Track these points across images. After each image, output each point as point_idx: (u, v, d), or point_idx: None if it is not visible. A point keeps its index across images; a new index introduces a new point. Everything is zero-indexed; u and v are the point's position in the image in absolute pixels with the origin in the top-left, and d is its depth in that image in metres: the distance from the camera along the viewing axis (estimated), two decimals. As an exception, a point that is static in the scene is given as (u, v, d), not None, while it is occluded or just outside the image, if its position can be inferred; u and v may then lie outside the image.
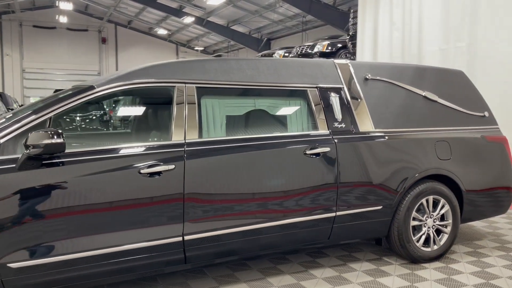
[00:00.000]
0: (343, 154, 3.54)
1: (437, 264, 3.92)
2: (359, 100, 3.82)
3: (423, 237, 3.92)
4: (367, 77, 3.94)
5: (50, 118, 2.79)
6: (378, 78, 3.97)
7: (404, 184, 3.76)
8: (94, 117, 3.52)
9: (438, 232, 4.01)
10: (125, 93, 3.10)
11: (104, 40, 33.39)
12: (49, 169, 2.65)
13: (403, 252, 3.88)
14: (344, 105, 3.73)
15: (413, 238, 3.87)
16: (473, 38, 6.64)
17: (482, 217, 4.38)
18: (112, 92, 3.01)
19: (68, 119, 3.24)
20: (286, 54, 13.52)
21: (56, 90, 13.11)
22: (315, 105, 3.62)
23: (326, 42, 11.45)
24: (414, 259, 3.89)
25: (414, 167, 3.82)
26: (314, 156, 3.43)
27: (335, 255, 4.09)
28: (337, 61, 3.96)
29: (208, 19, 25.91)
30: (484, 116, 4.38)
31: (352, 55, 10.23)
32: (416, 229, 3.92)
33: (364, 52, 8.80)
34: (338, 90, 3.76)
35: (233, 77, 3.41)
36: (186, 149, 3.03)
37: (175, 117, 3.09)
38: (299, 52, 11.88)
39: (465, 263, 3.94)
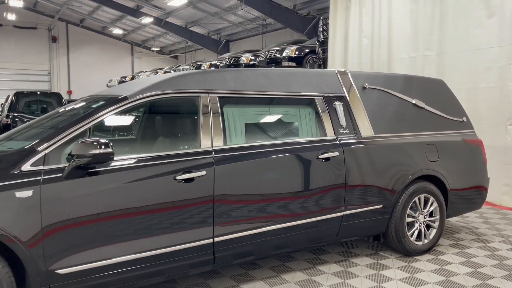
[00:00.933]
0: (349, 158, 3.85)
1: (428, 256, 4.31)
2: (359, 107, 4.14)
3: (416, 232, 4.31)
4: (365, 86, 4.27)
5: (90, 128, 2.88)
6: (374, 87, 4.32)
7: (400, 184, 4.12)
8: (126, 125, 3.61)
9: (428, 227, 4.42)
10: (154, 102, 3.23)
11: (54, 39, 32.18)
12: (94, 177, 2.75)
13: (399, 246, 4.24)
14: (347, 112, 4.04)
15: (408, 233, 4.24)
16: (442, 47, 7.20)
17: (461, 212, 4.85)
18: (143, 102, 3.13)
19: (103, 128, 3.31)
20: (253, 58, 13.78)
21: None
22: (322, 113, 3.90)
23: (294, 47, 11.83)
24: (408, 252, 4.27)
25: (409, 169, 4.19)
26: (325, 160, 3.71)
27: (335, 252, 4.39)
28: (338, 70, 4.26)
29: (167, 19, 25.71)
30: (463, 121, 4.84)
31: (321, 60, 10.65)
32: (409, 225, 4.30)
33: (335, 58, 9.23)
34: (341, 98, 4.06)
35: (249, 87, 3.62)
36: (214, 155, 3.21)
37: (202, 125, 3.26)
38: (268, 56, 12.18)
39: (452, 254, 4.37)
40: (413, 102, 4.53)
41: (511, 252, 4.45)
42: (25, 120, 11.81)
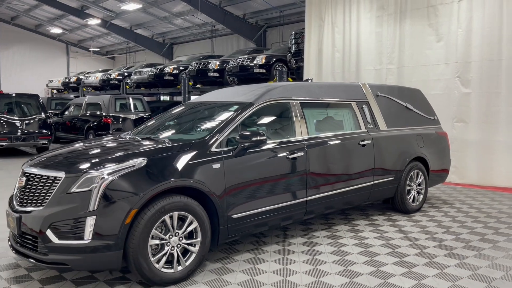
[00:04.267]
0: (375, 144, 5.59)
1: (419, 213, 6.20)
2: (376, 109, 5.90)
3: (412, 197, 6.18)
4: (378, 94, 6.05)
5: (238, 124, 4.30)
6: (383, 95, 6.11)
7: (404, 162, 5.96)
8: (253, 121, 4.93)
9: (418, 193, 6.31)
10: (267, 106, 4.70)
11: (-19, 36, 30.65)
12: (250, 155, 4.19)
13: (402, 207, 6.08)
14: (370, 113, 5.79)
15: (407, 197, 6.10)
16: (401, 62, 9.29)
17: (434, 184, 6.82)
18: (262, 106, 4.61)
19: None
20: (218, 63, 15.12)
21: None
22: (356, 113, 5.60)
23: (264, 56, 13.44)
24: (407, 211, 6.11)
25: (409, 152, 6.05)
26: (363, 146, 5.42)
27: (357, 214, 6.12)
28: (361, 83, 6.00)
29: (112, 21, 26.01)
30: (434, 119, 6.83)
31: (293, 69, 12.39)
32: (408, 192, 6.15)
33: (310, 68, 11.04)
34: (366, 103, 5.80)
35: (313, 95, 5.22)
36: (305, 142, 4.77)
37: (296, 122, 4.80)
38: (239, 63, 13.64)
39: (436, 212, 6.30)
40: (405, 105, 6.40)
41: (460, 212, 6.50)
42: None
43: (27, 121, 12.74)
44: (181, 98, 16.52)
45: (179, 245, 3.71)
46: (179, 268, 3.71)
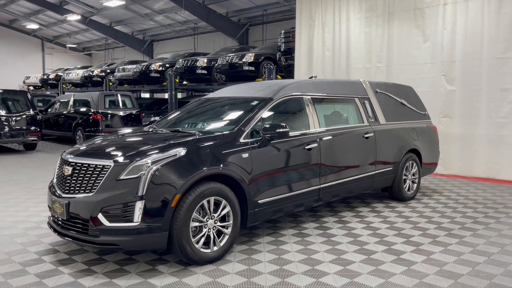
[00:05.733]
0: (377, 137, 6.06)
1: (414, 200, 6.71)
2: (376, 104, 6.37)
3: (407, 186, 6.69)
4: (377, 90, 6.52)
5: (261, 117, 4.66)
6: (382, 91, 6.59)
7: (401, 153, 6.45)
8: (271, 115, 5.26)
9: (413, 183, 6.82)
10: (284, 101, 5.07)
11: (-48, 31, 29.83)
12: (273, 146, 4.56)
13: (399, 195, 6.57)
14: (371, 108, 6.25)
15: (404, 186, 6.60)
16: (389, 61, 9.83)
17: (426, 174, 7.36)
18: (280, 101, 4.99)
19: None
20: (206, 60, 15.38)
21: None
22: (359, 108, 6.05)
23: (253, 54, 13.80)
24: (404, 198, 6.62)
25: (406, 144, 6.55)
26: (366, 138, 5.88)
27: (358, 202, 6.58)
28: (362, 80, 6.46)
29: (91, 18, 25.81)
30: (425, 114, 7.37)
31: (283, 67, 12.79)
32: (403, 181, 6.66)
33: (301, 66, 11.48)
34: (367, 99, 6.26)
35: (322, 91, 5.63)
36: (318, 134, 5.18)
37: (309, 115, 5.20)
38: (228, 61, 13.95)
39: (428, 199, 6.83)
40: (401, 101, 6.90)
41: (450, 199, 7.07)
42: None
43: (15, 118, 12.69)
44: (168, 95, 16.71)
45: (214, 227, 4.05)
46: (215, 248, 4.05)
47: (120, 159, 3.82)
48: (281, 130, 4.48)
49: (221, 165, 4.10)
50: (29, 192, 7.16)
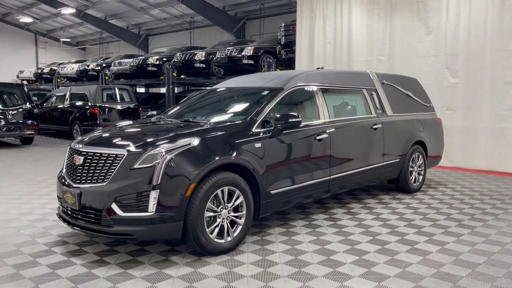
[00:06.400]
0: (385, 128, 6.02)
1: (420, 192, 6.70)
2: (383, 96, 6.33)
3: (413, 178, 6.67)
4: (384, 82, 6.48)
5: (273, 107, 4.60)
6: (388, 83, 6.55)
7: (408, 145, 6.43)
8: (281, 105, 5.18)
9: (418, 174, 6.81)
10: (294, 91, 5.01)
11: None
12: (285, 136, 4.51)
13: (405, 187, 6.55)
14: (379, 99, 6.21)
15: (410, 178, 6.58)
16: (391, 54, 9.81)
17: (431, 166, 7.34)
18: (291, 91, 4.93)
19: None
20: (204, 54, 15.26)
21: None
22: (367, 99, 6.01)
23: (252, 47, 13.71)
24: (410, 190, 6.60)
25: (412, 135, 6.52)
26: (374, 129, 5.84)
27: (364, 194, 6.56)
28: (369, 71, 6.41)
29: (86, 11, 25.54)
30: (430, 106, 7.35)
31: (283, 60, 12.73)
32: (410, 173, 6.64)
33: (302, 59, 11.41)
34: (374, 90, 6.22)
35: (330, 82, 5.58)
36: (328, 125, 5.13)
37: (319, 106, 5.15)
38: (228, 54, 13.85)
39: (434, 191, 6.82)
40: (406, 92, 6.87)
41: (455, 191, 7.07)
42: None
43: (12, 111, 12.52)
44: (165, 89, 16.57)
45: (228, 218, 4.00)
46: (229, 238, 4.00)
47: (134, 148, 3.74)
48: (293, 119, 4.43)
49: (235, 155, 4.04)
50: (30, 185, 7.06)
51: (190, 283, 3.37)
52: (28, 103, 12.94)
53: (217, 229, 3.91)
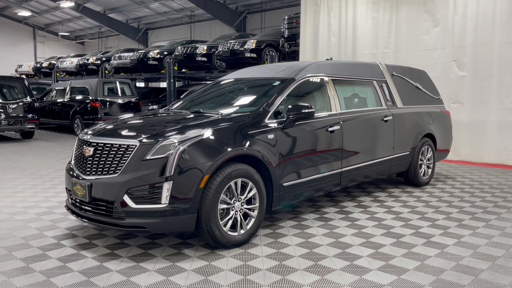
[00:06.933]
0: (396, 120, 5.93)
1: (429, 186, 6.62)
2: (393, 88, 6.24)
3: (423, 171, 6.59)
4: (393, 73, 6.38)
5: (284, 99, 4.50)
6: (398, 74, 6.45)
7: (418, 138, 6.34)
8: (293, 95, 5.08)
9: (428, 168, 6.72)
10: (305, 82, 4.91)
11: None
12: (297, 127, 4.41)
13: (415, 180, 6.47)
14: (388, 91, 6.11)
15: (419, 171, 6.50)
16: (397, 47, 9.70)
17: (440, 159, 7.26)
18: (302, 81, 4.83)
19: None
20: (206, 47, 15.12)
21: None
22: (377, 90, 5.91)
23: (255, 40, 13.59)
24: (419, 183, 6.52)
25: (422, 128, 6.43)
26: (385, 122, 5.75)
27: (373, 187, 6.47)
28: (379, 63, 6.31)
29: (85, 5, 25.33)
30: (439, 98, 7.26)
31: (286, 53, 12.61)
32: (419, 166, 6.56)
33: (306, 52, 11.30)
34: (384, 82, 6.12)
35: (340, 73, 5.48)
36: (339, 117, 5.03)
37: (330, 97, 5.05)
38: (230, 48, 13.72)
39: (443, 185, 6.75)
40: (415, 84, 6.78)
41: (465, 184, 6.99)
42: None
43: (12, 105, 12.38)
44: (166, 84, 16.43)
45: (241, 210, 3.91)
46: (242, 231, 3.91)
47: (146, 139, 3.64)
48: (307, 110, 4.33)
49: (248, 146, 3.94)
50: (34, 179, 6.95)
51: (205, 276, 3.28)
52: (28, 96, 12.80)
53: (230, 222, 3.82)
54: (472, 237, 4.24)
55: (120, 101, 14.20)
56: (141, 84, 23.95)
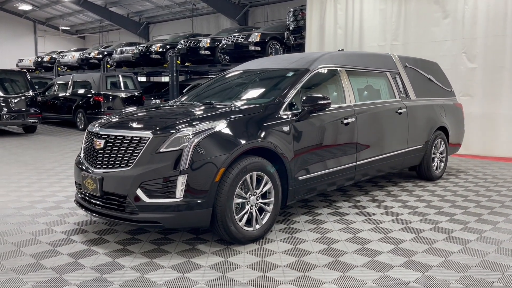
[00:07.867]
0: (409, 113, 5.79)
1: (442, 180, 6.49)
2: (406, 79, 6.09)
3: (435, 165, 6.46)
4: (406, 65, 6.24)
5: (299, 90, 4.36)
6: (411, 66, 6.31)
7: (431, 131, 6.20)
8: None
9: (440, 161, 6.59)
10: (319, 73, 4.77)
11: None
12: (312, 119, 4.27)
13: (428, 174, 6.34)
14: (402, 83, 5.97)
15: (432, 165, 6.37)
16: (406, 39, 9.54)
17: (452, 153, 7.12)
18: (316, 72, 4.69)
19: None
20: (209, 41, 14.95)
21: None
22: (391, 82, 5.77)
23: (259, 33, 13.41)
24: (432, 177, 6.39)
25: (435, 121, 6.29)
26: (399, 114, 5.61)
27: (385, 181, 6.35)
28: (392, 54, 6.16)
29: (86, -2, 25.13)
30: (451, 91, 7.12)
31: (292, 46, 12.44)
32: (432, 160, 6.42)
33: (312, 44, 11.14)
34: (398, 73, 5.97)
35: (355, 64, 5.34)
36: (354, 109, 4.90)
37: (345, 88, 4.91)
38: (234, 41, 13.55)
39: (456, 179, 6.62)
40: (428, 76, 6.63)
41: (478, 178, 6.86)
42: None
43: (15, 99, 12.24)
44: (169, 78, 16.27)
45: (256, 205, 3.78)
46: (257, 226, 3.78)
47: (159, 131, 3.51)
48: (322, 101, 4.19)
49: (263, 138, 3.81)
50: (39, 173, 6.83)
51: (223, 273, 3.16)
52: (31, 90, 12.66)
53: (245, 217, 3.70)
54: (494, 232, 4.11)
55: (123, 95, 14.05)
56: (142, 79, 23.79)
